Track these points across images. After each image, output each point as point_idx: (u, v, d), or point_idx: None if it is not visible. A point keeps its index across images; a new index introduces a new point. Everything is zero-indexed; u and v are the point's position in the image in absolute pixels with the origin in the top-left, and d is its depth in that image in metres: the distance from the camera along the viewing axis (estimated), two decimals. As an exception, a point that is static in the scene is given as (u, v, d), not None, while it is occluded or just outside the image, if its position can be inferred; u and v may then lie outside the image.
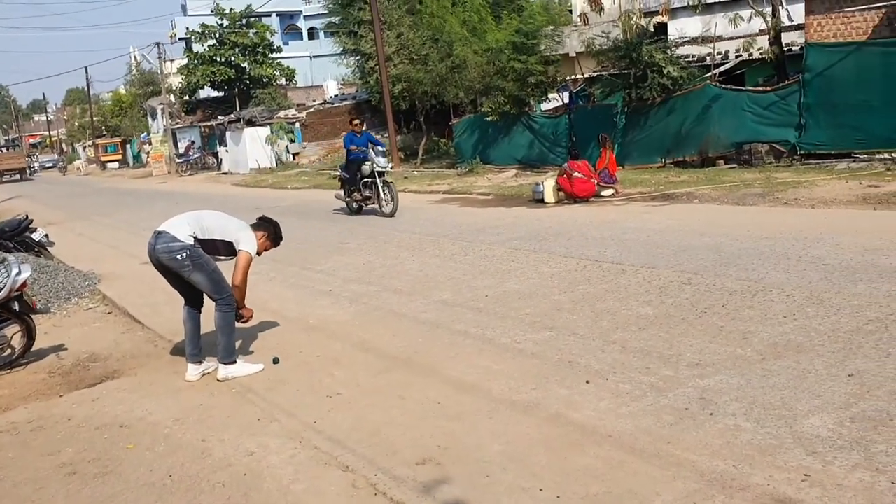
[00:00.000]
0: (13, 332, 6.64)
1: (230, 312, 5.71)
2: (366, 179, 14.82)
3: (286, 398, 5.19)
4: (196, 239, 5.63)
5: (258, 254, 5.91)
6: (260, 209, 17.62)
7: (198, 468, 4.23)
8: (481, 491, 3.61)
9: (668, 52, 17.83)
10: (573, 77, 22.83)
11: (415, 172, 23.93)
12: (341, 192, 15.85)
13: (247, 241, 5.71)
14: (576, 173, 13.46)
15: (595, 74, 21.74)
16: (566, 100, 21.13)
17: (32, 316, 6.77)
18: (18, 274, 6.37)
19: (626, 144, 18.06)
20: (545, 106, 22.93)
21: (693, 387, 4.56)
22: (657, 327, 5.78)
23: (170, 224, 5.68)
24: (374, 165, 14.49)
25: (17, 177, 53.03)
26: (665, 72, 17.20)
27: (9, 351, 6.59)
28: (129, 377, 6.10)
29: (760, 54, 18.89)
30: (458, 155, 23.82)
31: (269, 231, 6.01)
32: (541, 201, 14.07)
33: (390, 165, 15.54)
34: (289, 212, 16.87)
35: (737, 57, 21.06)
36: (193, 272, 5.60)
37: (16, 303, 6.50)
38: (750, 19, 17.20)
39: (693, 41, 20.12)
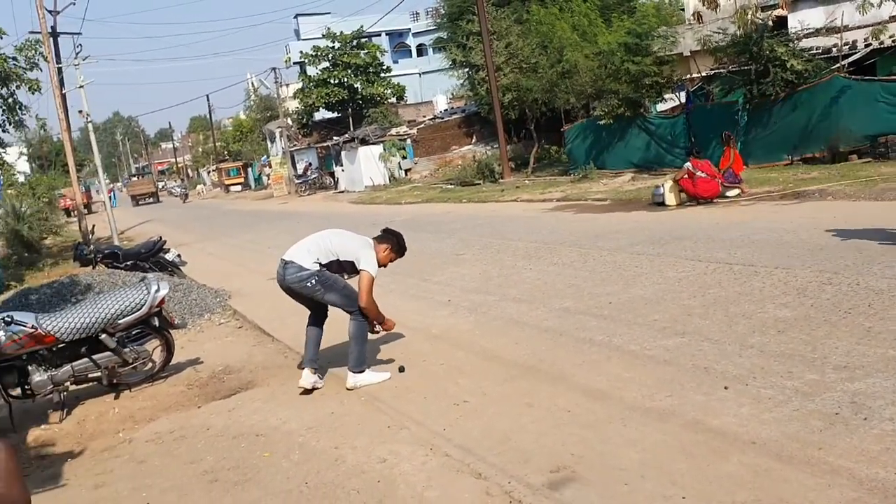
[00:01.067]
0: (154, 347, 6.97)
1: (363, 322, 5.80)
2: None
3: (414, 406, 5.21)
4: (321, 264, 5.78)
5: (384, 265, 5.98)
6: (377, 225, 18.05)
7: (332, 475, 4.29)
8: (620, 499, 3.48)
9: (791, 44, 17.03)
10: (689, 76, 22.17)
11: (526, 181, 23.83)
12: None
13: (367, 261, 5.77)
14: (699, 173, 13.01)
15: (712, 72, 21.01)
16: (682, 100, 20.55)
17: (171, 331, 7.09)
18: (157, 291, 6.69)
19: (749, 143, 17.35)
20: (661, 107, 22.38)
21: (842, 391, 4.27)
22: (797, 330, 5.47)
23: (295, 253, 5.85)
24: None
25: (151, 200, 59.14)
26: (788, 65, 16.45)
27: (150, 365, 6.92)
28: (262, 388, 6.29)
29: (893, 41, 17.74)
30: (571, 161, 23.56)
31: (393, 243, 6.07)
32: (661, 204, 13.68)
33: None
34: (404, 226, 17.01)
35: (866, 45, 19.89)
36: (326, 294, 5.78)
37: (156, 319, 6.83)
38: (880, 5, 16.19)
39: (817, 32, 19.14)
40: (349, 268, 5.87)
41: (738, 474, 3.52)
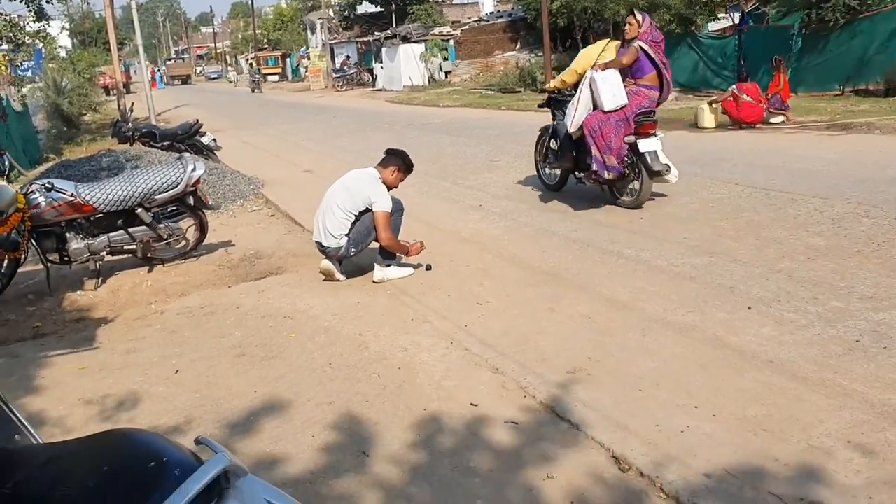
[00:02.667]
0: (188, 226, 7.11)
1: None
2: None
3: (438, 302, 5.31)
4: (347, 233, 5.88)
5: (394, 187, 6.01)
6: (412, 126, 17.95)
7: (355, 359, 4.42)
8: (633, 403, 3.57)
9: (858, -32, 16.24)
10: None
11: (568, 94, 23.36)
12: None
13: (378, 200, 5.78)
14: (744, 96, 12.67)
15: (770, -7, 20.21)
16: (736, 20, 19.84)
17: (204, 212, 7.20)
18: (194, 170, 6.76)
19: (800, 70, 16.82)
20: (712, 26, 21.65)
21: (866, 319, 4.28)
22: (828, 258, 5.44)
23: (323, 236, 5.94)
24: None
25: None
26: (852, -9, 15.75)
27: (183, 242, 7.07)
28: (291, 274, 6.42)
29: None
30: (615, 76, 23.00)
31: (399, 163, 6.01)
32: (695, 125, 13.44)
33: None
34: (440, 129, 16.98)
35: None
36: (364, 242, 5.94)
37: (191, 198, 6.92)
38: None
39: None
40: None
41: (753, 390, 3.58)
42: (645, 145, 7.27)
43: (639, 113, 7.27)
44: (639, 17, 7.43)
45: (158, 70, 68.50)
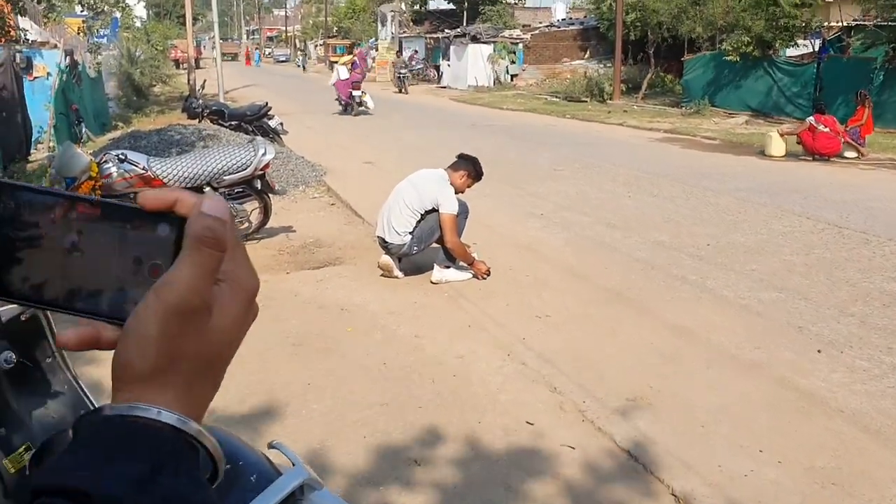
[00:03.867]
0: (252, 209, 7.16)
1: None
2: None
3: (496, 310, 5.24)
4: (411, 232, 5.83)
5: (461, 192, 5.93)
6: (475, 126, 17.90)
7: (410, 360, 4.39)
8: (694, 439, 3.47)
9: (950, 4, 15.72)
10: (826, 24, 20.79)
11: (635, 107, 23.11)
12: None
13: (446, 203, 5.72)
14: (821, 127, 12.33)
15: (854, 23, 19.65)
16: (816, 48, 19.35)
17: (270, 196, 7.25)
18: (264, 154, 6.81)
19: (880, 104, 16.23)
20: (790, 52, 21.15)
21: (945, 378, 4.10)
22: (904, 306, 5.25)
23: (386, 232, 5.88)
24: None
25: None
26: (943, 27, 15.25)
27: (246, 224, 7.11)
28: (349, 265, 6.42)
29: None
30: (685, 93, 22.65)
31: (470, 169, 5.94)
32: (763, 153, 13.14)
33: None
34: (503, 132, 16.89)
35: None
36: (428, 241, 5.87)
37: (258, 181, 6.97)
38: None
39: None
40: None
41: (821, 438, 3.45)
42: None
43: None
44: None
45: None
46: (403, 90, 30.83)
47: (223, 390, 2.55)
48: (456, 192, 5.85)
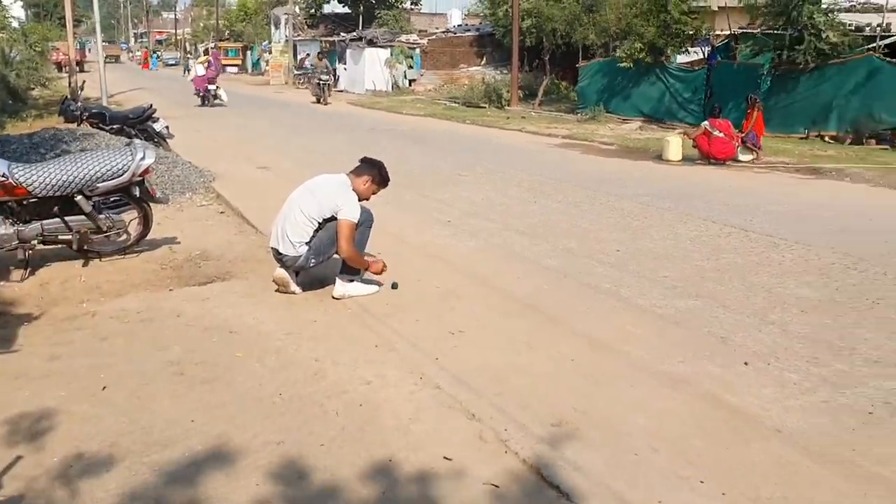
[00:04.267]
0: (131, 218, 6.49)
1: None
2: None
3: (405, 327, 4.82)
4: (307, 242, 5.36)
5: (366, 199, 5.48)
6: (375, 131, 17.44)
7: (310, 390, 3.91)
8: (629, 471, 3.14)
9: (830, 15, 16.32)
10: (715, 32, 21.37)
11: (532, 113, 23.17)
12: None
13: (346, 209, 5.24)
14: (716, 132, 12.50)
15: (741, 31, 20.26)
16: (706, 55, 19.83)
17: (151, 204, 6.59)
18: (143, 159, 6.16)
19: (767, 110, 16.62)
20: (681, 59, 21.63)
21: (875, 388, 3.94)
22: (821, 313, 5.12)
23: (280, 243, 5.39)
24: None
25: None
26: (824, 36, 15.81)
27: (125, 236, 6.44)
28: (240, 280, 5.86)
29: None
30: (581, 100, 22.84)
31: (374, 174, 5.46)
32: (660, 157, 13.26)
33: None
34: (404, 137, 16.52)
35: (903, 29, 19.17)
36: (326, 254, 5.41)
37: (137, 188, 6.31)
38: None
39: (858, 7, 18.40)
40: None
41: (763, 465, 3.18)
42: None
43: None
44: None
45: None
46: (323, 101, 26.22)
47: (91, 437, 1.96)
48: (360, 200, 5.40)
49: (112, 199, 6.37)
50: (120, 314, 5.06)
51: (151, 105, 12.48)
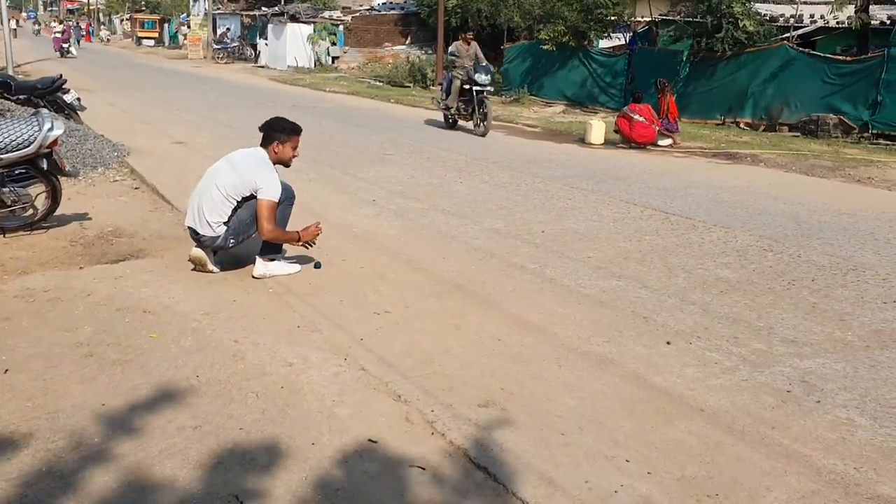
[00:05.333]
0: (38, 192, 6.15)
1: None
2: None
3: (329, 308, 4.69)
4: (225, 222, 5.14)
5: (290, 161, 5.27)
6: (297, 107, 17.12)
7: (228, 372, 3.75)
8: (556, 451, 3.12)
9: (748, 4, 16.75)
10: (637, 18, 21.71)
11: (458, 94, 23.07)
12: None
13: (265, 187, 5.02)
14: (636, 116, 12.69)
15: (661, 18, 20.65)
16: (627, 40, 20.13)
17: (59, 178, 6.25)
18: (51, 130, 5.83)
19: (685, 95, 17.14)
20: (603, 44, 21.90)
21: (792, 367, 4.03)
22: (740, 293, 5.23)
23: (198, 222, 5.14)
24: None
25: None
26: (741, 24, 16.22)
27: (31, 211, 6.10)
28: (155, 258, 5.61)
29: (847, 22, 17.70)
30: (505, 82, 22.88)
31: (280, 136, 5.18)
32: (583, 141, 13.42)
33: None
34: (328, 115, 16.23)
35: (812, 21, 19.86)
36: (246, 234, 5.22)
37: (44, 161, 5.98)
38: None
39: (772, -2, 18.96)
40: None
41: (687, 443, 3.21)
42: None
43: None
44: None
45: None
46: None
47: None
48: (286, 165, 5.21)
49: (17, 171, 6.03)
50: (25, 293, 4.77)
51: (61, 75, 11.87)
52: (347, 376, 3.76)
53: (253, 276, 5.18)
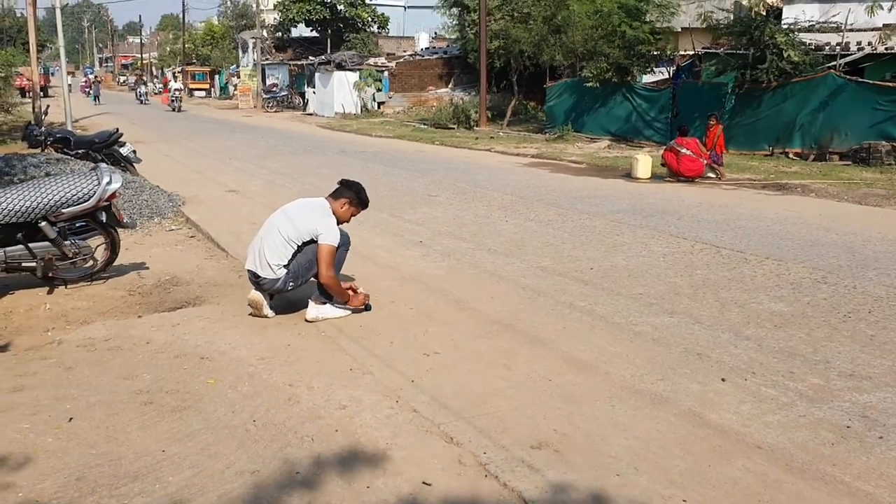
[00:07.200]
0: (97, 244, 6.37)
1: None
2: None
3: (380, 350, 4.75)
4: (286, 265, 5.30)
5: (346, 221, 5.44)
6: (345, 153, 17.39)
7: (284, 416, 3.82)
8: (613, 492, 3.09)
9: (791, 34, 16.64)
10: (680, 52, 21.69)
11: (501, 133, 23.30)
12: None
13: (326, 233, 5.20)
14: (684, 150, 12.63)
15: (703, 51, 20.58)
16: (671, 74, 20.10)
17: (117, 230, 6.47)
18: (109, 183, 6.06)
19: (732, 127, 16.99)
20: (647, 78, 21.90)
21: (851, 401, 3.94)
22: (795, 327, 5.14)
23: (258, 264, 5.32)
24: None
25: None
26: (785, 55, 16.11)
27: (91, 262, 6.32)
28: (211, 305, 5.75)
29: (886, 49, 17.43)
30: (549, 119, 23.00)
31: (352, 197, 5.43)
32: (629, 175, 13.39)
33: None
34: (375, 159, 16.49)
35: (859, 48, 19.58)
36: (304, 278, 5.36)
37: (103, 213, 6.21)
38: (891, 9, 15.87)
39: (817, 27, 18.74)
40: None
41: (746, 482, 3.15)
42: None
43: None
44: None
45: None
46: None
47: (57, 471, 1.86)
48: (338, 223, 5.34)
49: (78, 224, 6.25)
50: (86, 342, 4.93)
51: (118, 129, 12.33)
52: (400, 418, 3.79)
53: (306, 320, 5.28)
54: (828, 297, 5.82)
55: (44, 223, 5.86)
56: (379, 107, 33.82)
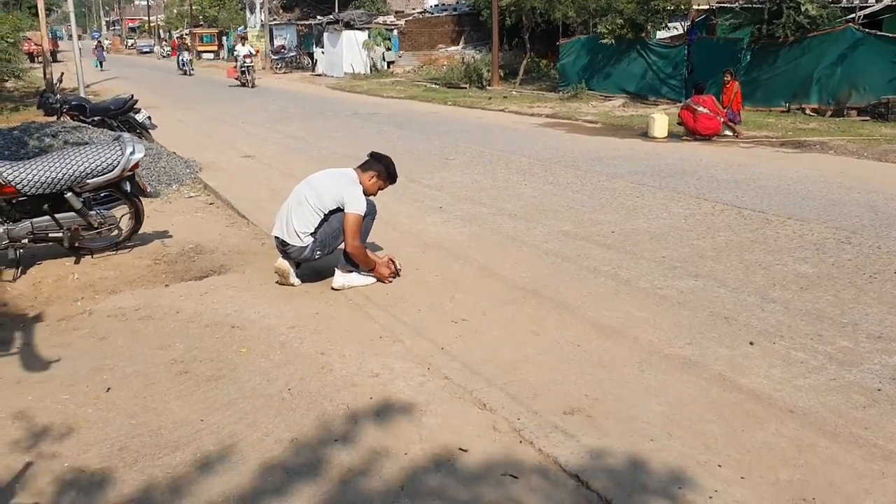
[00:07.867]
0: (122, 214, 6.41)
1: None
2: None
3: (408, 317, 4.79)
4: (313, 233, 5.31)
5: (372, 194, 5.44)
6: (357, 115, 17.32)
7: (319, 384, 3.88)
8: (647, 457, 3.14)
9: (808, -13, 16.32)
10: (695, 6, 21.34)
11: (514, 92, 23.11)
12: None
13: (352, 202, 5.20)
14: (701, 108, 12.51)
15: (719, 5, 20.25)
16: (685, 30, 19.81)
17: (141, 199, 6.51)
18: (133, 153, 6.07)
19: (748, 83, 16.76)
20: (661, 34, 21.61)
21: (881, 364, 3.96)
22: (821, 289, 5.15)
23: (285, 232, 5.33)
24: None
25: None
26: (803, 9, 15.84)
27: (116, 232, 6.36)
28: (236, 274, 5.80)
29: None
30: (562, 78, 22.77)
31: (381, 170, 5.42)
32: (645, 135, 13.27)
33: None
34: (388, 121, 16.41)
35: (878, 0, 19.22)
36: (331, 239, 5.36)
37: (127, 183, 6.24)
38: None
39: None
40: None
41: (779, 446, 3.19)
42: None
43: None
44: None
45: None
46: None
47: (100, 441, 1.93)
48: (366, 193, 5.35)
49: (102, 194, 6.28)
50: (117, 312, 4.99)
51: (133, 96, 12.29)
52: (432, 385, 3.84)
53: (332, 288, 5.32)
54: (852, 258, 5.81)
55: (69, 194, 5.89)
56: (389, 66, 33.55)
